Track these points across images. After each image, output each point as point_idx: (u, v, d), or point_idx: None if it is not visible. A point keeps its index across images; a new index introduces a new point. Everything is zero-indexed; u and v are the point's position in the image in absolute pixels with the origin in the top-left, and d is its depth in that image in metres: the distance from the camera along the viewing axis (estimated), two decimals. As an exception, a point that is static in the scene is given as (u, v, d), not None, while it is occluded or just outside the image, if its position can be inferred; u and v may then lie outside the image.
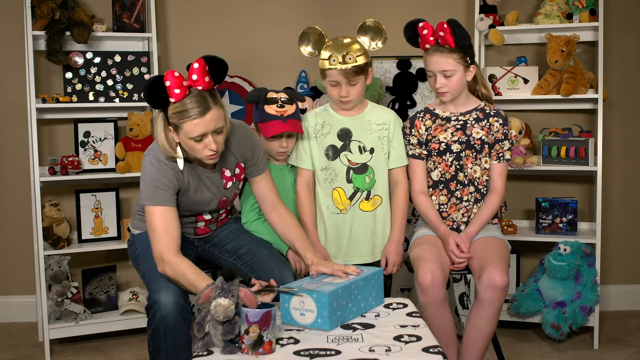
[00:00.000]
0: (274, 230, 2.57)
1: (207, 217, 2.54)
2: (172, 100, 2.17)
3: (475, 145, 2.66)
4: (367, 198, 2.70)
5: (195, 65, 2.18)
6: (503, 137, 2.67)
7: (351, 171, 2.68)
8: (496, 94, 3.47)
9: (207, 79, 2.19)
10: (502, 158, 2.67)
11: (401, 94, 3.55)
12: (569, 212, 3.41)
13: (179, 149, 2.28)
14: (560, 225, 3.42)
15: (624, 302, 3.79)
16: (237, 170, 2.50)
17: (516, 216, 3.70)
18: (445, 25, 2.52)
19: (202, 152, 2.25)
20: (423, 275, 2.43)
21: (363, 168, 2.69)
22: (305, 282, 2.23)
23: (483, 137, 2.65)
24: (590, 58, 3.62)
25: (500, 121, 2.67)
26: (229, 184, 2.48)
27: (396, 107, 3.57)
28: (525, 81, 3.48)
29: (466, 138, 2.66)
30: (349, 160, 2.68)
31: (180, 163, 2.30)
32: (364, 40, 2.68)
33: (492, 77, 3.48)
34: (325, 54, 2.61)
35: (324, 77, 2.65)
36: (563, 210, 3.41)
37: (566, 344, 3.35)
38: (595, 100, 3.41)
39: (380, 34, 2.69)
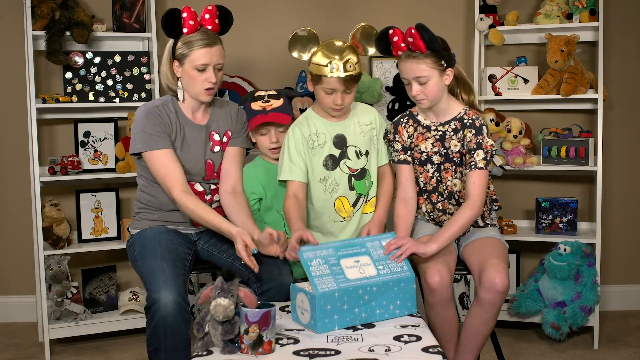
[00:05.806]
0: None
1: (199, 188, 2.54)
2: (184, 30, 2.42)
3: (454, 159, 2.56)
4: (367, 201, 2.67)
5: (209, 7, 2.46)
6: (475, 147, 2.52)
7: (352, 178, 2.62)
8: (496, 94, 3.47)
9: (216, 21, 2.47)
10: (474, 166, 2.51)
11: (401, 94, 3.54)
12: (569, 212, 3.41)
13: (179, 82, 2.50)
14: (560, 225, 3.42)
15: (624, 302, 3.79)
16: (225, 139, 2.60)
17: (516, 216, 3.70)
18: (413, 31, 2.41)
19: (202, 84, 2.45)
20: (431, 276, 2.42)
21: (362, 173, 2.63)
22: (321, 267, 2.16)
23: (461, 150, 2.56)
24: (590, 58, 3.62)
25: (473, 132, 2.52)
26: (217, 147, 2.59)
27: (396, 107, 3.57)
28: (525, 81, 3.48)
29: (445, 151, 2.57)
30: (348, 167, 2.61)
31: (181, 94, 2.51)
32: (364, 43, 2.59)
33: (492, 77, 3.48)
34: (322, 59, 2.47)
35: (317, 82, 2.49)
36: (563, 210, 3.41)
37: (566, 344, 3.35)
38: (595, 100, 3.41)
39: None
